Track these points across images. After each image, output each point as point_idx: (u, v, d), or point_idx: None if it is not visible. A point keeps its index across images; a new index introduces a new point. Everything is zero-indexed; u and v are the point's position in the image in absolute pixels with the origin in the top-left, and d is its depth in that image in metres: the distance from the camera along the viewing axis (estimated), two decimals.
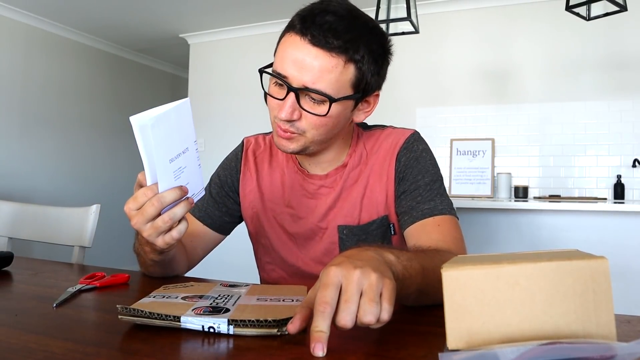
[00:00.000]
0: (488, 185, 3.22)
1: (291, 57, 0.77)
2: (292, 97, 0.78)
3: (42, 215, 1.41)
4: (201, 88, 4.28)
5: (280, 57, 0.79)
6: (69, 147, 4.19)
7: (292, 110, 0.78)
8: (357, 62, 0.78)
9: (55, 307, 0.68)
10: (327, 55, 0.76)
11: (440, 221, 0.84)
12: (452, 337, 0.44)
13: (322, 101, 0.78)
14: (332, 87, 0.77)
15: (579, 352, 0.35)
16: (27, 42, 3.82)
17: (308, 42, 0.75)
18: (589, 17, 2.17)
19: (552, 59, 3.16)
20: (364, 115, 0.89)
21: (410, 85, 3.50)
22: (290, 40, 0.78)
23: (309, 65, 0.76)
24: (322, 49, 0.75)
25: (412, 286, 0.60)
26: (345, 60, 0.77)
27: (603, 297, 0.41)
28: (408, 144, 0.92)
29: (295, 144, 0.83)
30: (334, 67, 0.76)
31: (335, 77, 0.77)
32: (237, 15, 3.84)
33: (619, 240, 2.16)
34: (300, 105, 0.78)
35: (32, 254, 3.07)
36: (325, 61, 0.76)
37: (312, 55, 0.75)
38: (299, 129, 0.81)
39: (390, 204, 0.91)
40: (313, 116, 0.79)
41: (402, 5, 2.27)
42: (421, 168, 0.90)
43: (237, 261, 2.54)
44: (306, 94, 0.78)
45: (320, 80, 0.76)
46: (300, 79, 0.76)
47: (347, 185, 0.93)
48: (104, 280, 0.83)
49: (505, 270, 0.43)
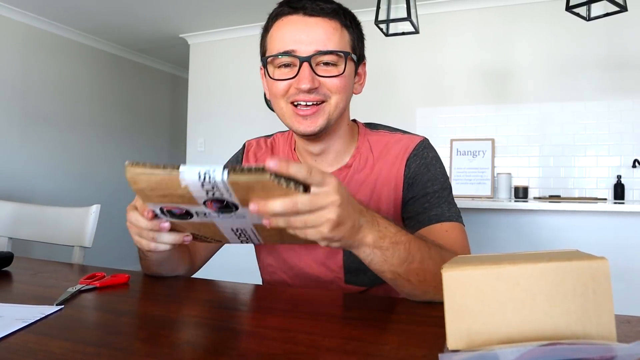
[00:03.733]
0: (488, 185, 3.22)
1: (292, 34, 0.80)
2: (306, 66, 0.79)
3: (42, 216, 1.41)
4: (201, 88, 4.27)
5: (280, 39, 0.82)
6: (69, 147, 4.19)
7: (311, 77, 0.79)
8: (348, 28, 0.83)
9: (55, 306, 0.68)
10: (326, 20, 0.80)
11: (448, 227, 0.84)
12: (452, 337, 0.44)
13: (334, 63, 0.81)
14: (340, 47, 0.81)
15: (579, 353, 0.35)
16: (27, 42, 3.82)
17: (303, 14, 0.80)
18: (589, 17, 2.17)
19: (552, 59, 3.16)
20: (360, 88, 0.92)
21: (410, 85, 3.50)
22: (283, 22, 0.82)
23: (313, 31, 0.79)
24: (319, 16, 0.80)
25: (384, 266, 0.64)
26: (340, 24, 0.82)
27: (603, 298, 0.41)
28: (418, 150, 0.91)
29: (321, 117, 0.83)
30: (335, 29, 0.81)
31: (338, 38, 0.81)
32: (237, 15, 3.84)
33: (619, 240, 2.16)
34: (315, 73, 0.80)
35: (32, 254, 3.07)
36: (326, 25, 0.80)
37: (312, 24, 0.80)
38: (325, 95, 0.82)
39: (397, 209, 0.91)
40: (332, 79, 0.81)
41: (402, 5, 2.27)
42: (431, 176, 0.89)
43: (238, 264, 2.54)
44: (318, 60, 0.80)
45: (328, 41, 0.80)
46: (309, 47, 0.79)
47: (351, 187, 0.92)
48: (104, 281, 0.83)
49: (506, 271, 0.43)
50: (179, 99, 5.36)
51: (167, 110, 5.38)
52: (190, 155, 4.32)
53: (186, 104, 4.46)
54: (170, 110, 5.40)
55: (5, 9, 3.60)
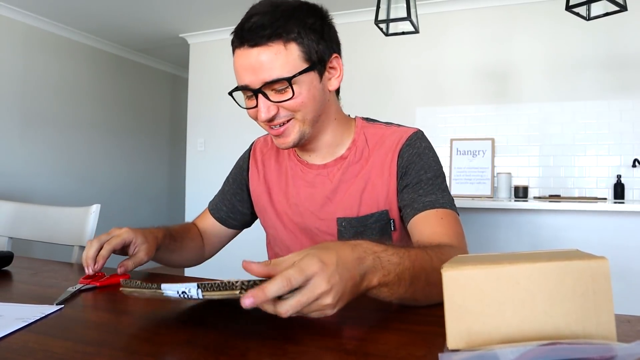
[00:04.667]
0: (488, 185, 3.22)
1: (242, 68, 0.84)
2: (261, 98, 0.84)
3: (42, 215, 1.41)
4: (201, 88, 4.27)
5: (237, 73, 0.86)
6: (69, 146, 4.19)
7: (267, 107, 0.84)
8: (295, 40, 0.83)
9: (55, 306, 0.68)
10: (265, 47, 0.81)
11: (442, 214, 0.85)
12: (452, 337, 0.44)
13: (285, 88, 0.83)
14: (286, 70, 0.82)
15: (579, 353, 0.35)
16: (27, 41, 3.82)
17: (247, 47, 0.82)
18: (589, 17, 2.17)
19: (552, 59, 3.16)
20: (336, 81, 0.92)
21: (410, 85, 3.49)
22: (236, 55, 0.85)
23: (257, 64, 0.82)
24: (259, 46, 0.81)
25: (391, 297, 0.62)
26: (283, 42, 0.82)
27: (603, 298, 0.41)
28: (411, 141, 0.94)
29: (292, 135, 0.88)
30: (276, 53, 0.81)
31: (282, 61, 0.82)
32: (237, 15, 3.78)
33: (619, 240, 2.16)
34: (271, 100, 0.84)
35: (32, 253, 3.07)
36: (267, 52, 0.81)
37: (254, 55, 0.82)
38: (286, 116, 0.86)
39: (392, 199, 0.92)
40: (287, 102, 0.84)
41: (402, 5, 2.27)
42: (424, 164, 0.91)
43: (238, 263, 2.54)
44: (270, 88, 0.83)
45: (271, 70, 0.81)
46: (257, 79, 0.82)
47: (346, 178, 0.94)
48: (103, 280, 0.83)
49: (506, 271, 0.43)
50: (179, 99, 5.36)
51: (167, 110, 5.38)
52: (190, 154, 4.31)
53: (186, 104, 4.45)
54: (170, 110, 5.40)
55: (6, 8, 3.60)
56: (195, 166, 4.27)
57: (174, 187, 5.35)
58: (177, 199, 5.23)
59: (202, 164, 4.24)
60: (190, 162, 4.30)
